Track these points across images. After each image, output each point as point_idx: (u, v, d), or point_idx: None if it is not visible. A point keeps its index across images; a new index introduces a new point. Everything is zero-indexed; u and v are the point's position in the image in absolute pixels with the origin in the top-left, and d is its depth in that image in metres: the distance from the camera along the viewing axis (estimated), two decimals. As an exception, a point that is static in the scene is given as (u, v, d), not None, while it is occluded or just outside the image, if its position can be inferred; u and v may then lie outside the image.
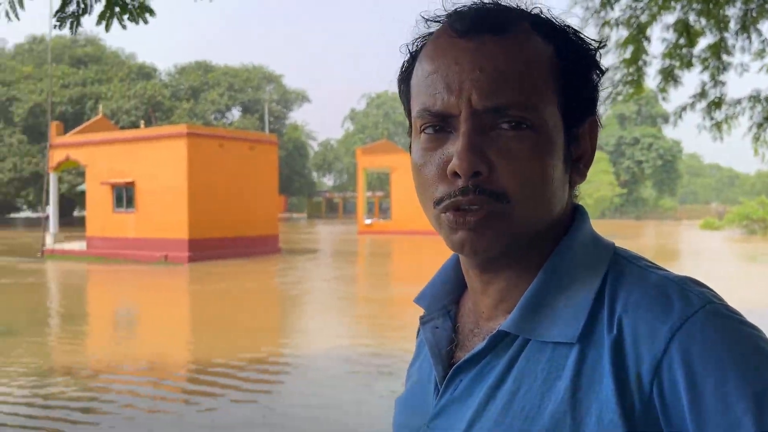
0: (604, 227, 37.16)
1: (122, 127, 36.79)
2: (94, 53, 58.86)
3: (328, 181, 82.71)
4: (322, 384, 6.82)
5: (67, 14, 2.80)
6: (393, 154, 41.27)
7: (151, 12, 3.00)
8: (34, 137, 49.31)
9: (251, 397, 6.50)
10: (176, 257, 20.72)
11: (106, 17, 2.88)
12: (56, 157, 24.50)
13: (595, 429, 0.57)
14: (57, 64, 50.79)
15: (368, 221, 40.10)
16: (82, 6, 2.79)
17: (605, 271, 0.64)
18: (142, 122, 32.40)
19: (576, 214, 0.70)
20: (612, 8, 4.44)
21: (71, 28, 2.84)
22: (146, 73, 57.87)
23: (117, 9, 2.85)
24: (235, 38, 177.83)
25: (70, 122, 38.09)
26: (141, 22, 2.95)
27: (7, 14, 2.78)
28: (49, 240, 23.97)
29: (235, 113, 60.67)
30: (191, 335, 10.15)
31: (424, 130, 0.66)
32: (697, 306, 0.57)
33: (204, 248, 21.03)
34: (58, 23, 2.80)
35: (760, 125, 5.20)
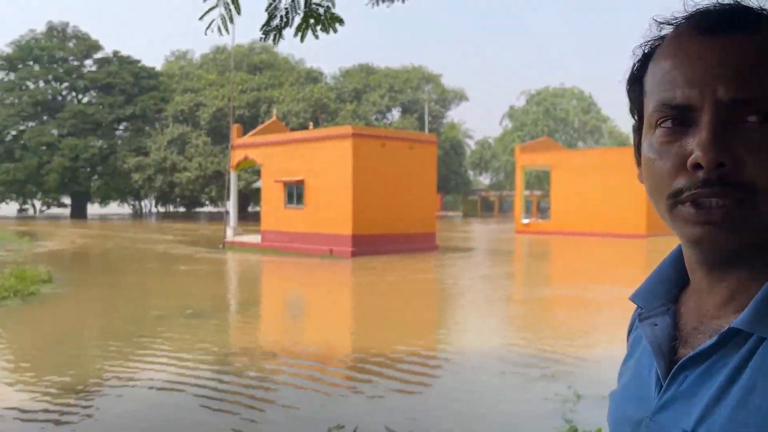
0: None
1: (292, 129, 39.34)
2: (268, 60, 63.61)
3: (484, 179, 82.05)
4: (478, 381, 6.82)
5: (272, 27, 3.09)
6: (553, 152, 39.96)
7: (341, 21, 3.22)
8: (216, 139, 54.48)
9: (412, 388, 6.66)
10: (340, 251, 21.78)
11: (302, 29, 3.14)
12: (236, 156, 26.86)
13: None
14: (237, 71, 55.49)
15: (526, 220, 39.19)
16: (285, 20, 3.06)
17: None
18: (310, 124, 34.42)
19: None
20: None
21: (274, 39, 3.14)
22: (313, 77, 61.43)
23: (311, 20, 3.09)
24: (396, 40, 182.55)
25: (246, 124, 41.54)
26: (331, 32, 3.17)
27: (219, 29, 3.13)
28: (229, 233, 26.36)
29: (395, 113, 62.34)
30: (354, 325, 10.64)
31: (660, 124, 0.66)
32: None
33: (366, 244, 21.89)
34: (263, 36, 3.10)
35: None
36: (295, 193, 24.08)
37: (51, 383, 6.72)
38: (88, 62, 65.31)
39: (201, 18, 3.12)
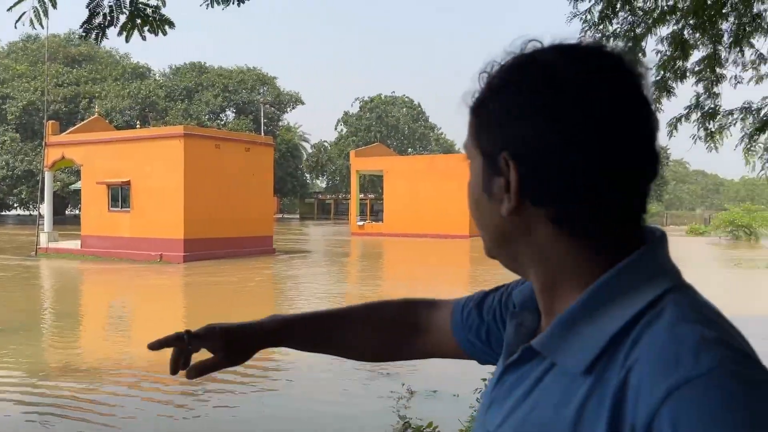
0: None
1: (117, 127, 36.72)
2: (88, 52, 58.68)
3: (321, 183, 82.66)
4: (317, 382, 6.94)
5: (94, 25, 2.91)
6: (386, 157, 41.44)
7: (171, 24, 3.12)
8: (27, 135, 49.13)
9: (252, 392, 6.60)
10: (171, 257, 20.76)
11: (127, 29, 2.99)
12: (51, 155, 24.48)
13: None
14: (52, 63, 50.59)
15: (360, 223, 40.22)
16: (109, 18, 2.90)
17: (641, 309, 0.63)
18: (137, 122, 32.41)
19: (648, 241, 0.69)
20: (611, 22, 4.60)
21: (97, 39, 2.95)
22: (140, 73, 57.79)
23: (138, 21, 2.97)
24: (230, 40, 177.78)
25: (63, 121, 37.98)
26: (160, 34, 3.06)
27: (31, 22, 2.88)
28: (43, 238, 23.93)
29: (229, 115, 60.62)
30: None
31: None
32: (704, 369, 0.55)
33: (199, 248, 21.09)
34: (84, 34, 2.91)
35: (751, 136, 5.37)
36: (120, 195, 22.51)
37: None
38: None
39: (9, 9, 2.86)
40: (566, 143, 0.65)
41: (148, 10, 2.98)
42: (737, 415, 0.52)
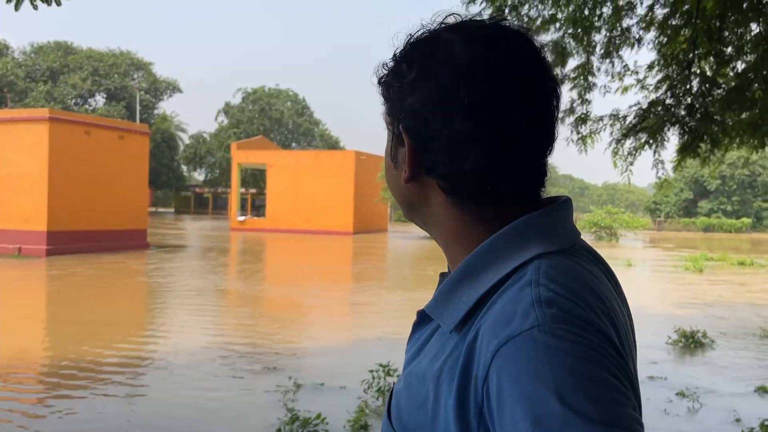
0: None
1: (-33, 107, 33.27)
2: (-67, 22, 52.62)
3: (199, 175, 79.67)
4: (199, 380, 6.72)
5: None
6: (269, 151, 40.73)
7: (64, -7, 2.87)
8: None
9: (127, 395, 6.27)
10: (32, 250, 19.13)
11: (16, -6, 2.72)
12: None
13: (443, 412, 0.65)
14: None
15: (241, 218, 39.24)
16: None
17: (507, 273, 0.67)
18: (-8, 102, 29.51)
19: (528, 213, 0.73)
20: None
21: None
22: (-3, 49, 52.72)
23: (27, -14, 2.71)
24: (101, 20, 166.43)
25: None
26: (54, 4, 2.81)
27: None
28: None
29: (99, 100, 56.84)
30: (47, 332, 9.50)
31: None
32: (526, 326, 0.59)
33: (65, 241, 19.60)
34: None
35: (618, 141, 5.86)
36: (-28, 182, 20.39)
37: None
38: None
39: None
40: (450, 116, 0.69)
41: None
42: (544, 370, 0.56)
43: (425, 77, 0.70)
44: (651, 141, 5.82)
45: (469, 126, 0.68)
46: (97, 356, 7.58)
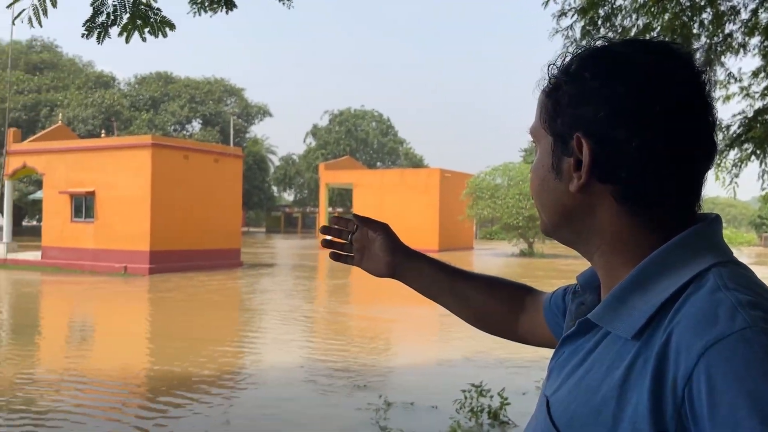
0: (558, 248, 37.92)
1: (80, 136, 35.99)
2: (51, 60, 57.53)
3: (288, 196, 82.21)
4: (291, 395, 6.87)
5: (96, 24, 2.87)
6: (355, 171, 41.48)
7: (172, 26, 3.09)
8: (-16, 143, 47.72)
9: (209, 411, 6.49)
10: (137, 269, 20.35)
11: (128, 29, 2.96)
12: (12, 164, 23.82)
13: (630, 418, 0.65)
14: (12, 69, 49.44)
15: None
16: (112, 18, 2.86)
17: (686, 282, 0.68)
18: (102, 131, 31.80)
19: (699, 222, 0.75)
20: (593, 38, 4.74)
21: (98, 38, 2.91)
22: (105, 81, 56.83)
23: (139, 22, 2.94)
24: (197, 51, 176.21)
25: (24, 129, 37.09)
26: (160, 36, 3.04)
27: (30, 21, 2.83)
28: (1, 249, 23.23)
29: (196, 126, 59.95)
30: (152, 346, 10.03)
31: None
32: (736, 327, 0.61)
33: (166, 260, 20.73)
34: (86, 33, 2.87)
35: (721, 152, 5.57)
36: (84, 205, 22.01)
37: None
38: None
39: (9, 6, 2.81)
40: (636, 126, 0.71)
41: (150, 12, 2.96)
42: (766, 367, 0.58)
43: (610, 86, 0.73)
44: (757, 151, 5.49)
45: (652, 134, 0.71)
46: (194, 369, 7.92)
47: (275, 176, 73.59)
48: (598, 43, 0.78)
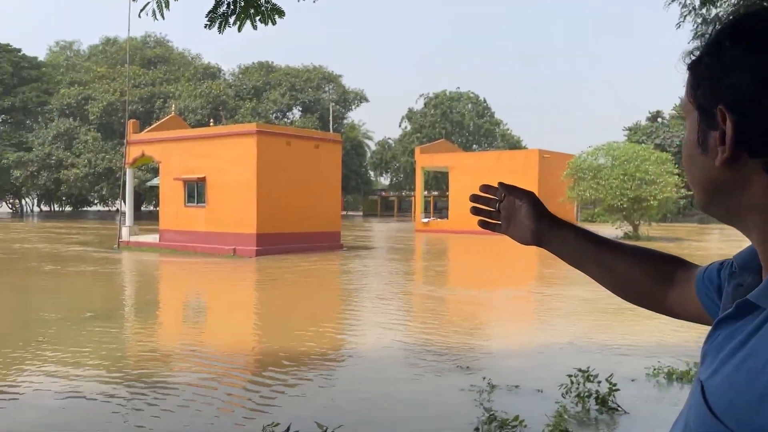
0: (665, 230, 36.02)
1: (190, 125, 38.04)
2: (163, 54, 61.07)
3: (384, 180, 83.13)
4: (392, 374, 6.98)
5: (218, 15, 3.04)
6: (451, 154, 41.22)
7: (281, 13, 3.22)
8: (107, 134, 51.61)
9: (328, 383, 6.72)
10: (244, 251, 21.37)
11: (241, 18, 3.11)
12: (132, 153, 25.63)
13: None
14: (129, 65, 52.91)
15: (425, 220, 40.17)
16: (232, 7, 3.02)
17: None
18: (210, 120, 33.44)
19: None
20: (714, 4, 4.42)
21: (220, 27, 3.08)
22: (211, 73, 59.67)
23: (251, 10, 3.07)
24: (296, 39, 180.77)
25: (141, 120, 39.70)
26: (270, 23, 3.17)
27: (153, 13, 3.04)
28: (124, 232, 25.13)
29: (296, 113, 61.81)
30: (261, 323, 10.51)
31: None
32: None
33: (270, 242, 21.62)
34: (208, 23, 3.05)
35: None
36: (196, 191, 23.34)
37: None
38: (-41, 48, 59.85)
39: (136, -1, 3.02)
40: None
41: (261, 0, 3.09)
42: None
43: (754, 54, 0.70)
44: None
45: None
46: (298, 347, 8.23)
47: (372, 161, 74.56)
48: (741, 11, 0.75)
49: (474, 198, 1.30)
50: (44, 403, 5.91)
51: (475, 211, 1.31)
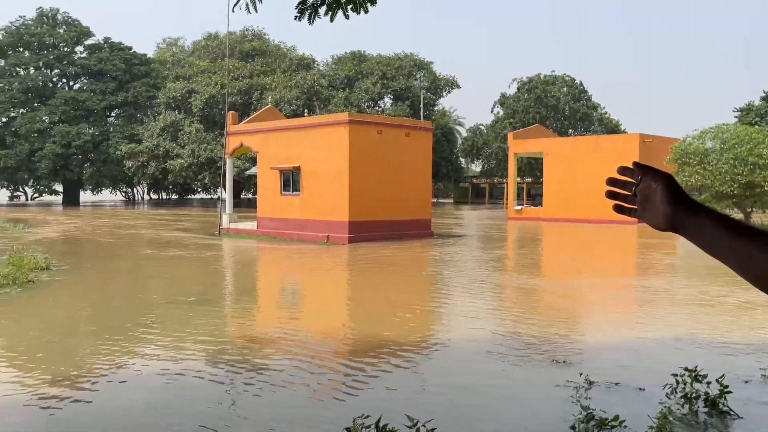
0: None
1: (285, 116, 39.14)
2: (260, 47, 63.11)
3: (476, 167, 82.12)
4: (485, 367, 6.85)
5: (307, 6, 3.06)
6: (546, 139, 39.98)
7: (373, 1, 3.19)
8: (209, 126, 54.11)
9: (419, 374, 6.69)
10: (337, 238, 21.78)
11: (333, 8, 3.11)
12: (231, 143, 26.70)
13: None
14: (229, 58, 55.06)
15: (518, 207, 39.31)
16: (321, -1, 3.04)
17: None
18: (305, 111, 34.21)
19: None
20: None
21: (309, 19, 3.11)
22: (306, 64, 61.02)
23: (343, 0, 3.07)
24: (387, 28, 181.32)
25: (239, 112, 41.25)
26: (362, 12, 3.14)
27: (246, 7, 3.10)
28: (224, 219, 26.30)
29: (387, 101, 62.09)
30: (355, 310, 10.65)
31: None
32: None
33: (362, 230, 21.90)
34: (298, 14, 3.08)
35: None
36: (291, 179, 24.01)
37: (56, 372, 6.72)
38: (78, 49, 64.62)
39: (231, -5, 3.08)
40: None
41: (352, -11, 3.08)
42: None
43: None
44: None
45: None
46: (389, 334, 8.26)
47: (463, 147, 73.82)
48: None
49: (611, 181, 1.24)
50: (149, 383, 6.27)
51: (611, 195, 1.25)
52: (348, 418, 4.43)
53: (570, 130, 67.01)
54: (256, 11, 3.11)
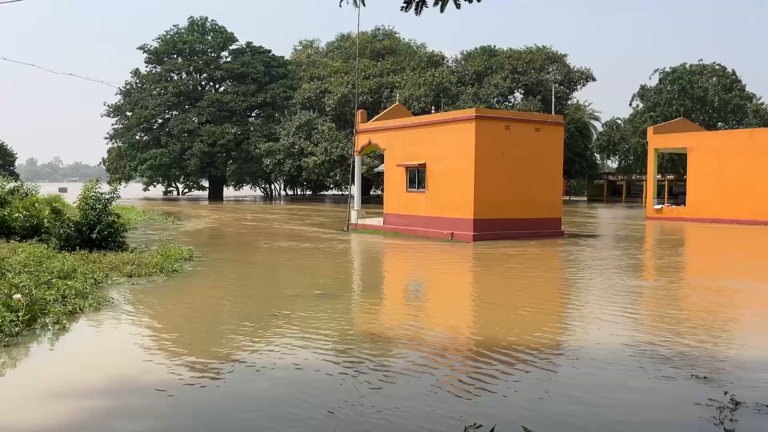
0: None
1: (414, 113, 39.42)
2: (391, 46, 64.08)
3: (612, 163, 78.03)
4: (617, 379, 6.38)
5: (414, -3, 2.98)
6: (691, 133, 37.02)
7: (487, -9, 3.04)
8: (340, 124, 55.90)
9: (542, 383, 6.37)
10: (462, 235, 21.56)
11: (442, -1, 3.00)
12: (360, 141, 27.32)
13: None
14: (360, 58, 56.40)
15: (658, 206, 36.73)
16: (429, -12, 2.94)
17: None
18: (432, 108, 34.23)
19: None
20: None
21: (416, 9, 3.02)
22: (435, 61, 61.06)
23: (454, -10, 2.95)
24: (519, 22, 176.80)
25: (369, 110, 42.14)
26: (474, 1, 3.00)
27: (355, 2, 3.06)
28: (353, 215, 26.99)
29: (518, 96, 60.59)
30: (478, 311, 10.41)
31: None
32: None
33: (488, 228, 21.50)
34: (404, 5, 3.00)
35: None
36: (416, 176, 24.11)
37: (198, 357, 7.16)
38: (224, 54, 69.42)
39: (340, -9, 3.07)
40: None
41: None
42: None
43: None
44: None
45: None
46: (514, 338, 7.96)
47: (598, 143, 70.46)
48: None
49: None
50: (273, 374, 6.50)
51: None
52: (466, 417, 4.29)
53: (719, 124, 61.68)
54: (364, 5, 3.07)
